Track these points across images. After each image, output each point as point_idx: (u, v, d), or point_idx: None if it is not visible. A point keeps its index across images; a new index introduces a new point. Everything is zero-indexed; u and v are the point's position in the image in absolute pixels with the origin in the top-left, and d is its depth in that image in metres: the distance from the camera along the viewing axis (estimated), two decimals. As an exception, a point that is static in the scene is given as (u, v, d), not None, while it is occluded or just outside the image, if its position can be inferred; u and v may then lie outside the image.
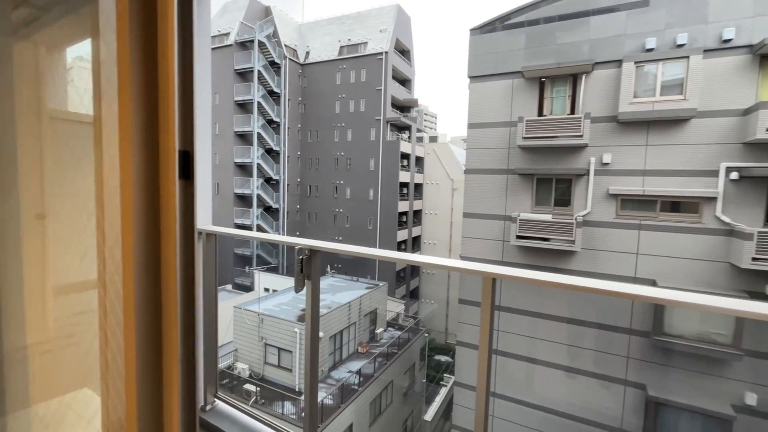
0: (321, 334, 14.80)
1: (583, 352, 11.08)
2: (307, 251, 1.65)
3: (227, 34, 30.89)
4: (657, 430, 9.92)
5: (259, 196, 30.25)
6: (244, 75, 30.42)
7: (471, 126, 12.54)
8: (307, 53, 33.96)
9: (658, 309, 9.93)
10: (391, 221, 30.15)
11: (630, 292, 1.03)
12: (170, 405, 1.37)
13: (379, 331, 19.22)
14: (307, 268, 1.64)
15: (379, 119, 30.21)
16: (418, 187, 34.13)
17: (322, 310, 15.47)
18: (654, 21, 10.03)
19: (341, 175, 32.03)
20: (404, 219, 32.06)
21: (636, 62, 10.08)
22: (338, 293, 18.61)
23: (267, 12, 32.92)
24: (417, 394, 20.16)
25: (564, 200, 11.43)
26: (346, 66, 31.56)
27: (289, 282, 22.40)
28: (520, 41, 11.64)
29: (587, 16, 10.76)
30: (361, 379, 14.76)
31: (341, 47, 32.54)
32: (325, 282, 21.10)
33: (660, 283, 10.05)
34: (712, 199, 9.58)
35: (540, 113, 11.60)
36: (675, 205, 10.07)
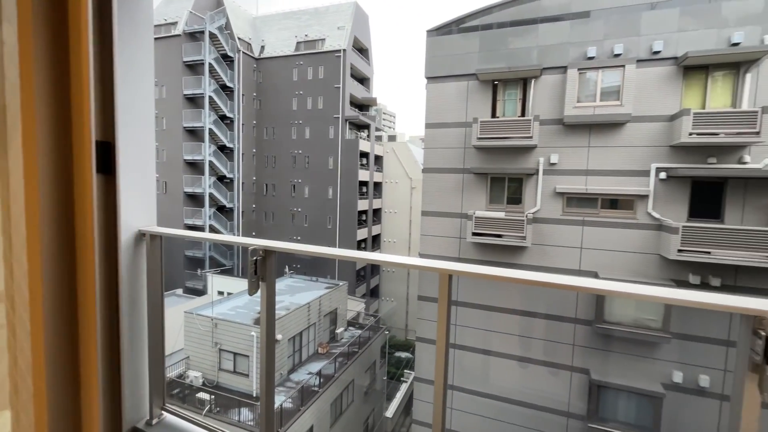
0: (279, 336, 14.43)
1: (534, 342, 11.71)
2: (261, 252, 1.59)
3: (174, 24, 29.12)
4: (599, 411, 10.72)
5: (211, 195, 28.87)
6: (193, 67, 28.83)
7: (428, 126, 12.78)
8: (262, 47, 32.86)
9: (599, 299, 10.72)
10: (350, 220, 30.01)
11: (574, 284, 1.09)
12: (90, 426, 1.24)
13: (339, 330, 19.09)
14: (261, 270, 1.58)
15: (338, 117, 29.93)
16: (378, 185, 34.26)
17: (281, 312, 15.08)
18: (594, 31, 10.79)
19: (299, 174, 31.37)
20: (364, 218, 32.05)
21: (579, 69, 10.78)
22: (297, 294, 18.23)
23: (218, 2, 31.43)
24: (378, 392, 20.26)
25: (516, 198, 11.99)
26: (304, 62, 30.92)
27: (245, 284, 21.64)
28: (475, 44, 12.03)
29: (536, 24, 11.35)
30: (321, 380, 14.58)
31: (298, 43, 31.82)
32: (283, 283, 20.58)
33: (601, 274, 10.84)
34: (645, 197, 10.49)
35: (493, 115, 12.07)
36: (613, 202, 10.92)
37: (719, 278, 9.80)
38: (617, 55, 10.48)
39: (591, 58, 10.72)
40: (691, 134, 9.47)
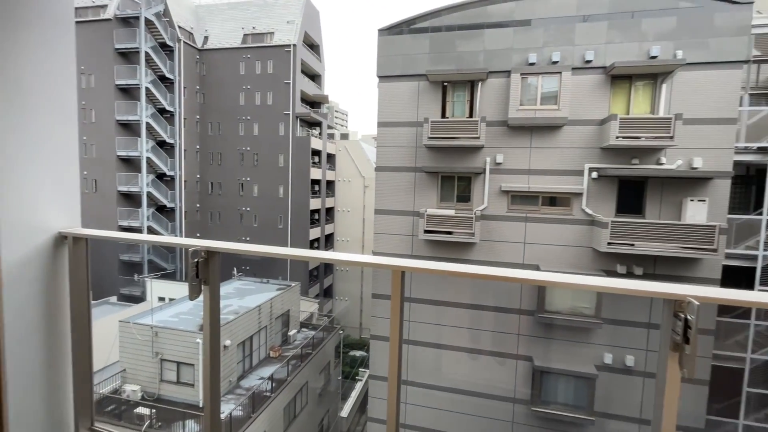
0: (227, 342, 13.77)
1: (483, 333, 12.24)
2: (203, 253, 1.49)
3: (104, 7, 26.59)
4: (541, 395, 11.47)
5: (149, 195, 26.81)
6: (127, 56, 26.54)
7: (381, 125, 12.85)
8: (206, 38, 31.07)
9: (541, 290, 11.44)
10: (302, 219, 29.38)
11: (518, 276, 1.14)
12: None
13: (292, 332, 18.63)
14: (203, 272, 1.48)
15: (288, 114, 29.13)
16: (330, 184, 33.86)
17: (229, 316, 14.40)
18: (535, 39, 11.47)
19: (248, 172, 30.11)
20: (317, 217, 31.53)
21: (521, 74, 11.41)
22: (247, 297, 17.51)
23: (155, -14, 29.19)
24: (333, 393, 20.07)
25: (465, 196, 12.43)
26: (251, 55, 29.69)
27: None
28: (425, 46, 12.28)
29: (482, 29, 11.82)
30: (273, 384, 14.14)
31: (245, 35, 30.48)
32: (230, 286, 19.66)
33: (542, 267, 11.58)
34: (580, 195, 11.37)
35: (443, 115, 12.41)
36: (552, 199, 11.70)
37: (642, 267, 10.89)
38: (555, 63, 11.23)
39: (532, 64, 11.38)
40: (618, 137, 10.40)
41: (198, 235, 30.50)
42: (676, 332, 0.93)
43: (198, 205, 30.85)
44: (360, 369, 25.36)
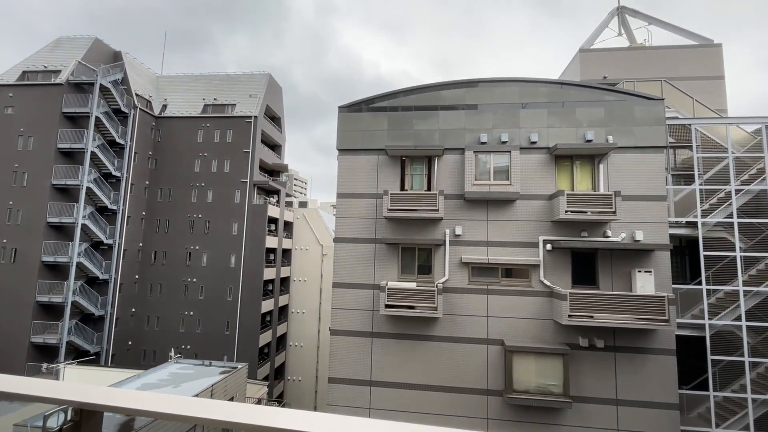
0: (153, 445, 11.50)
1: (452, 419, 11.19)
2: (72, 413, 0.96)
3: (57, 72, 26.03)
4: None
5: (81, 265, 24.08)
6: (75, 120, 25.52)
7: (340, 196, 12.75)
8: (164, 106, 30.99)
9: (507, 367, 10.93)
10: (254, 290, 27.46)
11: None
12: None
13: (234, 425, 16.16)
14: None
15: (245, 181, 28.66)
16: (286, 252, 32.63)
17: (158, 412, 12.20)
18: (484, 121, 12.39)
19: (197, 240, 28.36)
20: (270, 287, 29.69)
21: (474, 152, 12.07)
22: (183, 384, 15.22)
23: (116, 57, 29.38)
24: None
25: (426, 267, 12.20)
26: (210, 125, 29.74)
27: (121, 375, 17.65)
28: (383, 123, 12.83)
29: (436, 110, 12.65)
30: (206, 497, 11.71)
31: (206, 105, 30.82)
32: (166, 371, 17.16)
33: (506, 341, 11.19)
34: (537, 266, 11.53)
35: (402, 187, 12.60)
36: (512, 271, 11.76)
37: (602, 340, 10.84)
38: (504, 142, 12.06)
39: (484, 143, 12.14)
40: (566, 212, 10.95)
41: (133, 310, 27.30)
42: None
43: (137, 276, 28.07)
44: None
